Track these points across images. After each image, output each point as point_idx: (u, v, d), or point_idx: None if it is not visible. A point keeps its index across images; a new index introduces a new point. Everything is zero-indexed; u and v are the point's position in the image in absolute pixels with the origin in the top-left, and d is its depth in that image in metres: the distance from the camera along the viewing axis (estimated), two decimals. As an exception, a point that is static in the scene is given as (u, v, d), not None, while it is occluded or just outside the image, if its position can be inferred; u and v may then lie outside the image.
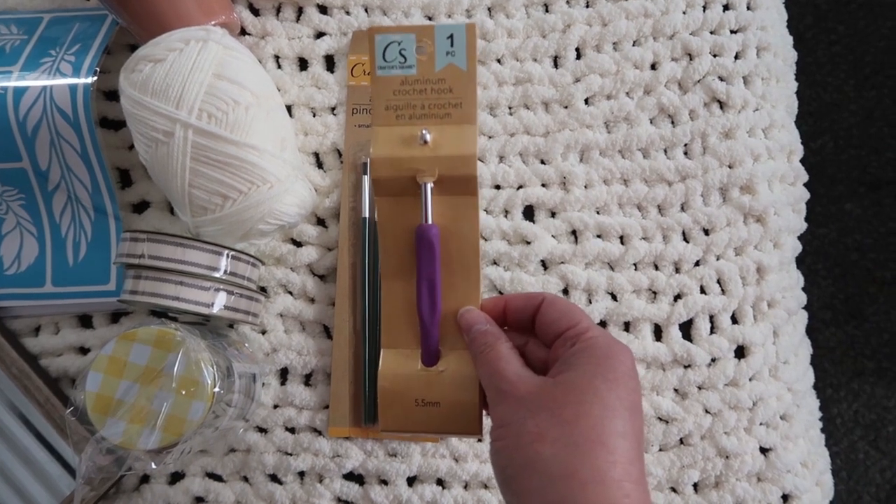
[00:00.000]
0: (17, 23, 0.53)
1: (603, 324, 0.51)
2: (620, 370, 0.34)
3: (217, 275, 0.45)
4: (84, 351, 0.52)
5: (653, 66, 0.53)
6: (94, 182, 0.50)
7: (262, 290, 0.51)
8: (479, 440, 0.46)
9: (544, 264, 0.52)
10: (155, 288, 0.44)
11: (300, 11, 0.54)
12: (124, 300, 0.45)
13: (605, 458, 0.31)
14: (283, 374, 0.52)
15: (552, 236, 0.51)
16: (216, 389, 0.43)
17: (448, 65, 0.40)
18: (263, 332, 0.52)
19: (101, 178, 0.50)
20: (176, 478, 0.51)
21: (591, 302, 0.51)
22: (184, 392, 0.42)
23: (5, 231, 0.52)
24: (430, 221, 0.40)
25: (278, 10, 0.54)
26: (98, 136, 0.49)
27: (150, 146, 0.44)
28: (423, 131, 0.39)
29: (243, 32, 0.54)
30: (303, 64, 0.54)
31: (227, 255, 0.46)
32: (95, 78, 0.49)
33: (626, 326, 0.51)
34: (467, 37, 0.40)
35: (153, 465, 0.44)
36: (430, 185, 0.39)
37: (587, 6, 0.54)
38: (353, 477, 0.51)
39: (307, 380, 0.52)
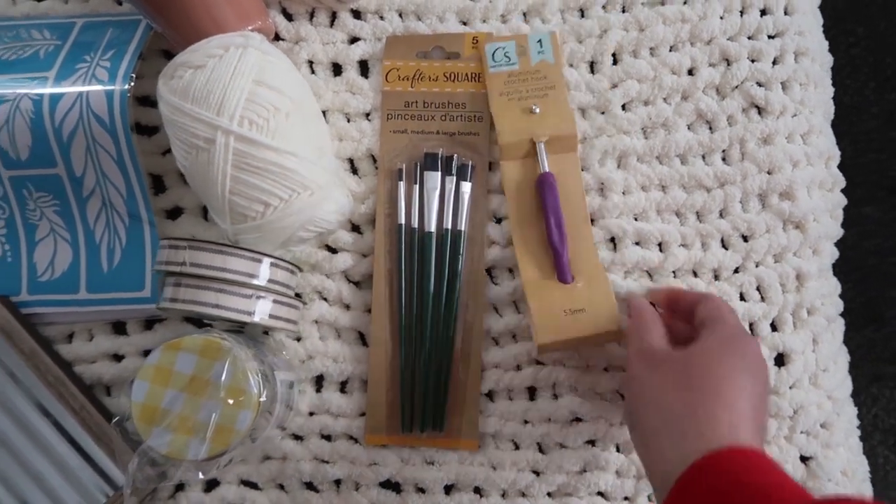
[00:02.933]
0: (50, 28, 0.53)
1: (641, 331, 0.51)
2: (745, 350, 0.40)
3: (256, 282, 0.45)
4: (118, 358, 0.52)
5: (690, 72, 0.53)
6: (129, 188, 0.50)
7: (298, 296, 0.51)
8: (619, 343, 0.51)
9: (581, 271, 0.51)
10: (195, 296, 0.44)
11: (334, 16, 0.54)
12: (164, 308, 0.45)
13: (722, 406, 0.37)
14: (319, 382, 0.52)
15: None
16: (262, 399, 0.43)
17: (541, 60, 0.52)
18: (298, 339, 0.51)
19: (136, 184, 0.50)
20: (211, 485, 0.51)
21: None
22: (231, 401, 0.42)
23: (39, 237, 0.52)
24: (547, 170, 0.49)
25: (312, 15, 0.54)
26: (134, 142, 0.49)
27: (189, 153, 0.44)
28: (533, 106, 0.51)
29: (277, 38, 0.53)
30: (336, 69, 0.54)
31: (267, 263, 0.46)
32: (132, 84, 0.48)
33: (665, 334, 0.51)
34: (552, 40, 0.53)
35: (200, 475, 0.43)
36: (543, 144, 0.49)
37: (623, 11, 0.53)
38: (390, 485, 0.50)
39: (343, 387, 0.51)
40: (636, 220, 0.51)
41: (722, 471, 0.35)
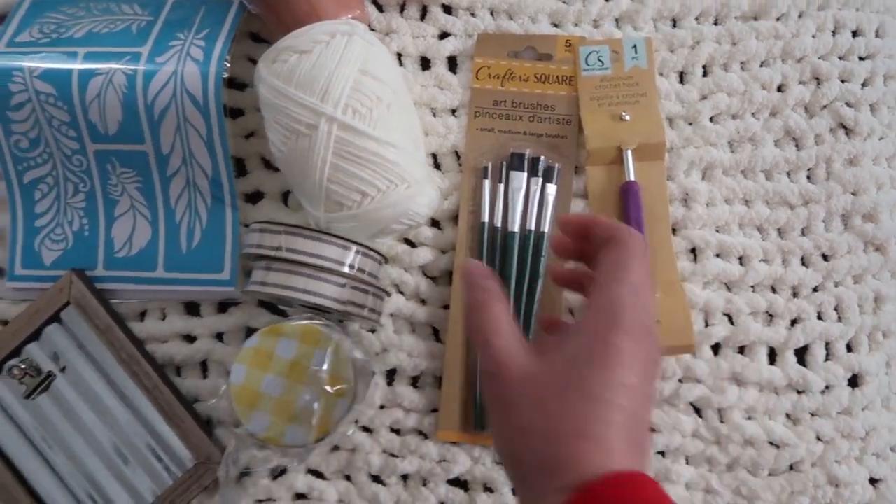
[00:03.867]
0: (141, 3, 0.52)
1: (717, 347, 0.51)
2: (613, 347, 0.32)
3: (346, 270, 0.45)
4: (190, 339, 0.51)
5: (780, 88, 0.53)
6: (216, 170, 0.50)
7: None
8: (693, 355, 0.50)
9: (660, 280, 0.51)
10: (286, 280, 0.44)
11: (424, 10, 0.54)
12: (253, 291, 0.45)
13: (585, 449, 0.31)
14: (390, 375, 0.51)
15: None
16: (357, 389, 0.43)
17: (634, 66, 0.52)
18: (373, 331, 0.51)
19: (223, 166, 0.50)
20: (278, 473, 0.50)
21: (707, 325, 0.51)
22: (332, 389, 0.42)
23: (118, 213, 0.51)
24: (633, 178, 0.49)
25: (402, 8, 0.54)
26: (225, 123, 0.48)
27: (289, 138, 0.44)
28: (623, 112, 0.51)
29: (369, 28, 0.53)
30: (424, 63, 0.54)
31: (359, 252, 0.45)
32: (228, 65, 0.48)
33: (742, 350, 0.51)
34: (647, 46, 0.52)
35: (296, 463, 0.43)
36: (631, 151, 0.49)
37: (716, 23, 0.53)
38: (459, 483, 0.50)
39: (415, 382, 0.51)
40: (718, 232, 0.51)
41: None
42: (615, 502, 0.29)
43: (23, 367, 0.49)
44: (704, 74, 0.53)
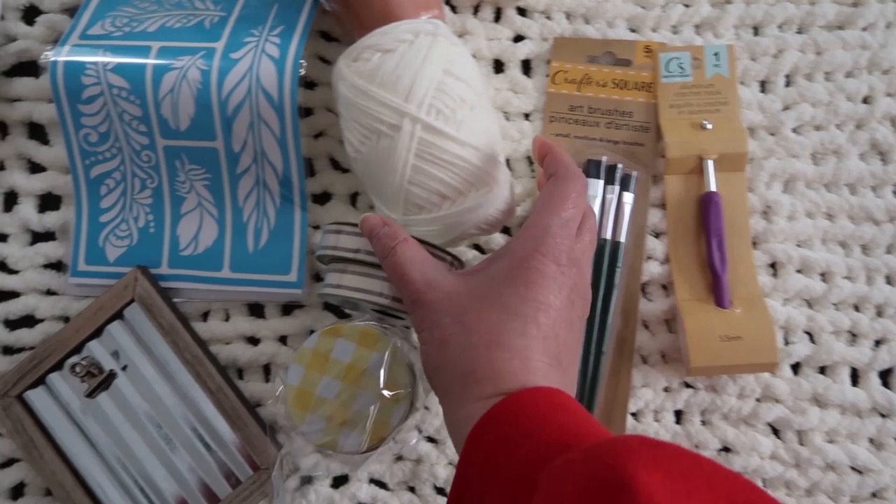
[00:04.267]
0: (213, -1, 0.52)
1: (797, 366, 0.49)
2: (533, 268, 0.34)
3: None
4: (254, 341, 0.50)
5: (865, 100, 0.51)
6: (287, 169, 0.49)
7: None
8: (773, 373, 0.49)
9: (738, 295, 0.50)
10: (362, 283, 0.42)
11: (499, 12, 0.53)
12: (328, 294, 0.43)
13: (499, 356, 0.32)
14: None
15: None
16: (417, 393, 0.41)
17: (716, 74, 0.50)
18: (438, 339, 0.50)
19: (294, 166, 0.49)
20: (339, 481, 0.49)
21: (787, 343, 0.49)
22: (388, 394, 0.41)
23: (185, 210, 0.50)
24: (714, 189, 0.48)
25: (476, 9, 0.53)
26: (299, 122, 0.48)
27: (369, 138, 0.43)
28: (705, 121, 0.49)
29: (443, 28, 0.52)
30: (498, 66, 0.52)
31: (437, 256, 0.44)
32: (304, 62, 0.47)
33: (823, 370, 0.49)
34: (729, 53, 0.51)
35: (350, 469, 0.42)
36: (712, 161, 0.48)
37: (800, 32, 0.52)
38: (526, 498, 0.48)
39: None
40: (800, 246, 0.50)
41: (506, 419, 0.31)
42: (530, 410, 0.30)
43: (85, 364, 0.48)
44: (787, 84, 0.51)
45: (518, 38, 0.52)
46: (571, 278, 0.35)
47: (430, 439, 0.49)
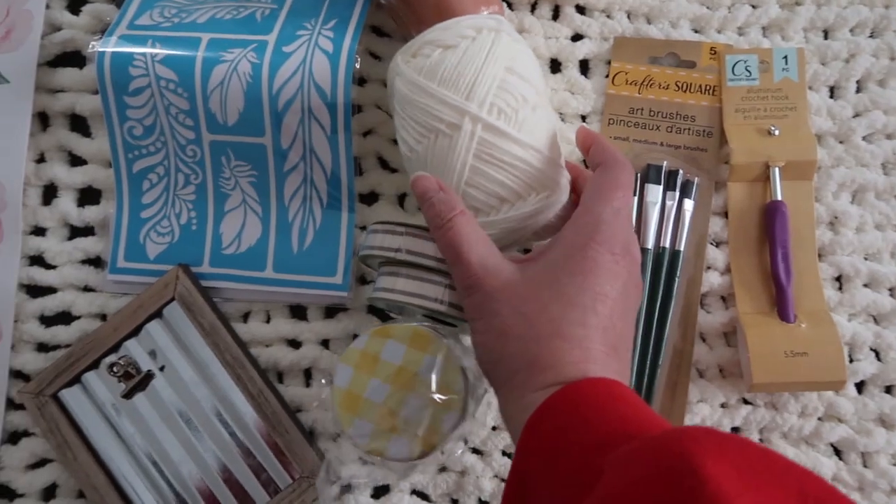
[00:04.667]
0: (263, -9, 0.50)
1: (862, 385, 0.47)
2: (590, 258, 0.34)
3: None
4: (296, 344, 0.49)
5: (940, 109, 0.49)
6: (336, 168, 0.47)
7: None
8: (838, 392, 0.47)
9: (802, 309, 0.48)
10: (418, 288, 0.40)
11: (557, 10, 0.51)
12: (379, 298, 0.41)
13: (560, 346, 0.32)
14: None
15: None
16: (468, 401, 0.39)
17: (784, 78, 0.48)
18: (486, 347, 0.48)
19: (344, 164, 0.47)
20: (380, 491, 0.47)
21: (852, 360, 0.47)
22: (440, 399, 0.39)
23: (228, 208, 0.49)
24: (780, 198, 0.46)
25: (533, 7, 0.51)
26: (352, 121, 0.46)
27: (426, 137, 0.41)
28: (772, 126, 0.47)
29: (499, 25, 0.50)
30: (554, 66, 0.51)
31: None
32: (359, 57, 0.45)
33: (889, 389, 0.47)
34: (798, 57, 0.49)
35: (397, 478, 0.40)
36: (779, 169, 0.46)
37: (872, 36, 0.50)
38: (576, 515, 0.47)
39: (529, 403, 0.48)
40: (867, 260, 0.48)
41: (566, 408, 0.31)
42: (591, 399, 0.30)
43: (122, 364, 0.47)
44: (858, 90, 0.49)
45: (577, 37, 0.51)
46: (625, 268, 0.35)
47: (476, 451, 0.47)
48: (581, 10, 0.51)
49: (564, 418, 0.30)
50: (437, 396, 0.39)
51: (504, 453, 0.47)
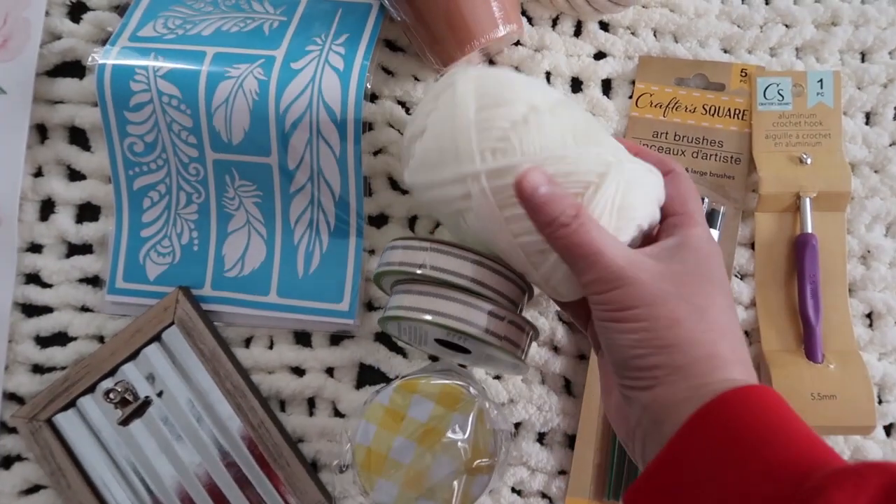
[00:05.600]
0: (273, 2, 0.48)
1: (891, 427, 0.45)
2: (719, 273, 0.33)
3: (501, 300, 0.38)
4: (299, 372, 0.47)
5: (982, 138, 0.46)
6: (345, 190, 0.45)
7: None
8: (865, 436, 0.45)
9: (830, 347, 0.45)
10: (431, 304, 0.37)
11: (579, 26, 0.49)
12: (394, 316, 0.38)
13: (735, 343, 0.31)
14: (515, 428, 0.46)
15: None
16: (500, 459, 0.37)
17: (818, 103, 0.46)
18: (498, 378, 0.46)
19: (353, 187, 0.45)
20: (385, 528, 0.45)
21: (881, 401, 0.44)
22: (474, 464, 0.36)
23: (232, 229, 0.47)
24: (811, 231, 0.44)
25: (555, 22, 0.49)
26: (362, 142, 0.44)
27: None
28: (804, 154, 0.45)
29: (517, 43, 0.48)
30: (575, 84, 0.48)
31: (516, 281, 0.38)
32: (370, 75, 0.43)
33: (922, 432, 0.45)
34: (834, 81, 0.46)
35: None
36: (809, 199, 0.44)
37: (912, 60, 0.47)
38: (589, 559, 0.45)
39: (541, 438, 0.46)
40: (901, 297, 0.45)
41: (741, 412, 0.28)
42: (779, 407, 0.29)
43: (119, 390, 0.45)
44: (896, 117, 0.47)
45: (600, 56, 0.48)
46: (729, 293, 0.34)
47: (515, 490, 0.45)
48: (605, 26, 0.48)
49: (750, 417, 0.28)
50: (471, 462, 0.37)
51: (513, 490, 0.45)
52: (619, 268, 0.32)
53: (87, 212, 0.48)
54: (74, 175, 0.49)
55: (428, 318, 0.36)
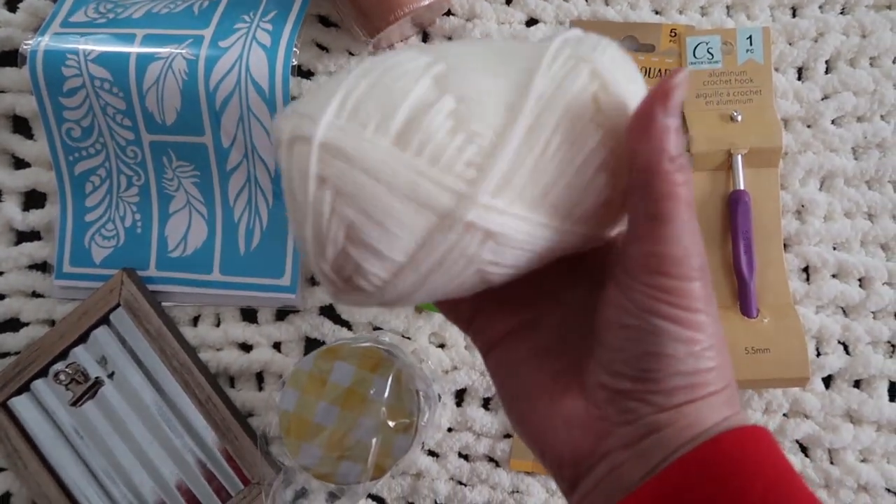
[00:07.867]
0: (203, -19, 0.48)
1: (829, 379, 0.45)
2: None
3: None
4: (246, 348, 0.48)
5: (914, 88, 0.46)
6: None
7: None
8: (804, 388, 0.44)
9: (767, 302, 0.46)
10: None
11: (510, -7, 0.49)
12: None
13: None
14: (460, 395, 0.47)
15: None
16: (423, 422, 0.38)
17: (748, 60, 0.46)
18: (442, 346, 0.47)
19: (287, 161, 0.45)
20: (334, 496, 0.46)
21: (819, 354, 0.45)
22: (392, 423, 0.37)
23: (173, 210, 0.48)
24: (742, 188, 0.44)
25: (486, -10, 0.49)
26: (292, 115, 0.44)
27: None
28: (735, 112, 0.45)
29: (448, 13, 0.48)
30: (508, 52, 0.48)
31: None
32: (297, 51, 0.44)
33: (858, 383, 0.45)
34: (763, 37, 0.46)
35: (347, 499, 0.39)
36: (742, 156, 0.45)
37: (843, 12, 0.47)
38: (534, 518, 0.46)
39: (486, 403, 0.47)
40: (836, 249, 0.46)
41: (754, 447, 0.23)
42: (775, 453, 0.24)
43: (70, 372, 0.46)
44: (827, 71, 0.47)
45: (531, 22, 0.48)
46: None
47: (432, 453, 0.46)
48: (536, -8, 0.48)
49: (756, 457, 0.23)
50: (389, 422, 0.38)
51: (460, 455, 0.46)
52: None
53: (33, 199, 0.49)
54: (19, 163, 0.49)
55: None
